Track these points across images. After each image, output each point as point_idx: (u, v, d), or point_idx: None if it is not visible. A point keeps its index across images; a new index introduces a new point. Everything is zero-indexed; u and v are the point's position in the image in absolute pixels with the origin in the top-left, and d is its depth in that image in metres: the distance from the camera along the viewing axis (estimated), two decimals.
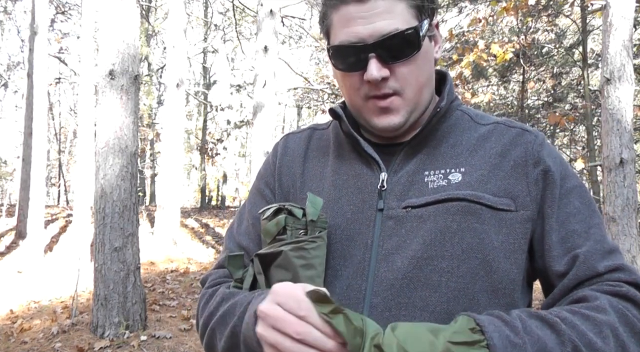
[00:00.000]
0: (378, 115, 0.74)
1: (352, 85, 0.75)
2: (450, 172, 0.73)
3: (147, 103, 17.36)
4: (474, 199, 0.70)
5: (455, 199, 0.70)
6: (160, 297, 5.84)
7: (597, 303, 0.63)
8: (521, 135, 0.77)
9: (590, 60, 9.51)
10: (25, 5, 14.92)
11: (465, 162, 0.74)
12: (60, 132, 21.82)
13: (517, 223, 0.70)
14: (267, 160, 0.90)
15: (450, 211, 0.70)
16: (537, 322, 0.59)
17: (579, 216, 0.72)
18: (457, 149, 0.76)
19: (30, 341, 4.28)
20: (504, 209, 0.70)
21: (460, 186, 0.72)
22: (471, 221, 0.69)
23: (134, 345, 4.00)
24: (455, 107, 0.82)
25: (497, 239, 0.69)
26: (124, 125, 4.30)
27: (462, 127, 0.79)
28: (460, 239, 0.68)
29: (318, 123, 0.92)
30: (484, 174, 0.72)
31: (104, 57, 4.35)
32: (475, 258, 0.68)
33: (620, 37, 4.06)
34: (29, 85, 9.96)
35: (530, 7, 7.06)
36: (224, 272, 0.82)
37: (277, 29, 6.78)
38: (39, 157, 8.26)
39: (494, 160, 0.74)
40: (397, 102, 0.73)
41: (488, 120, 0.81)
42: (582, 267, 0.68)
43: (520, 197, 0.71)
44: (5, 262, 8.37)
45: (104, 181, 4.23)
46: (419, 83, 0.74)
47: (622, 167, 4.04)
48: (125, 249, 4.26)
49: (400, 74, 0.72)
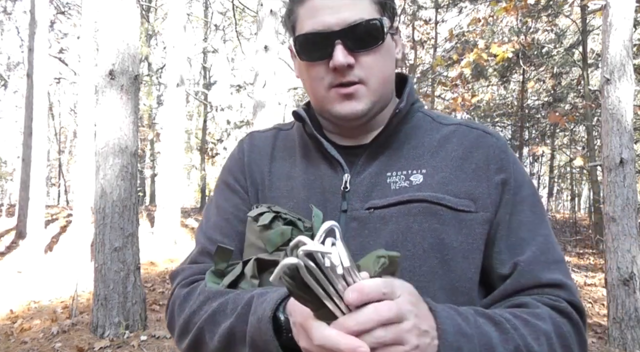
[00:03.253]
0: (341, 102, 0.74)
1: (317, 76, 0.75)
2: (412, 174, 0.75)
3: (147, 103, 17.36)
4: (434, 200, 0.71)
5: (417, 200, 0.71)
6: (160, 297, 5.84)
7: (538, 311, 0.66)
8: (483, 138, 0.78)
9: (590, 60, 9.50)
10: (25, 5, 14.90)
11: (427, 164, 0.75)
12: (60, 132, 21.83)
13: (476, 224, 0.72)
14: (233, 155, 0.89)
15: (412, 212, 0.71)
16: (484, 319, 0.62)
17: (529, 224, 0.74)
18: (418, 150, 0.77)
19: (30, 341, 4.28)
20: (464, 210, 0.72)
21: (421, 187, 0.73)
22: (432, 222, 0.71)
23: (134, 345, 4.00)
24: (417, 109, 0.83)
25: (456, 239, 0.71)
26: (124, 125, 4.30)
27: (423, 128, 0.81)
28: (421, 239, 0.70)
29: (282, 123, 0.93)
30: (445, 175, 0.74)
31: (104, 57, 4.34)
32: (435, 258, 0.70)
33: (620, 37, 4.06)
34: (29, 85, 9.96)
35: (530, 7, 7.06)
36: (198, 269, 0.79)
37: (277, 29, 6.78)
38: (39, 157, 8.27)
39: (456, 162, 0.75)
40: (362, 90, 0.74)
41: (450, 122, 0.82)
42: (525, 274, 0.71)
43: (481, 199, 0.73)
44: (5, 262, 8.37)
45: (104, 181, 4.23)
46: (383, 75, 0.75)
47: (622, 167, 4.04)
48: (125, 249, 4.26)
49: (365, 63, 0.73)
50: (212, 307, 0.69)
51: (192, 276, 0.78)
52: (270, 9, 6.60)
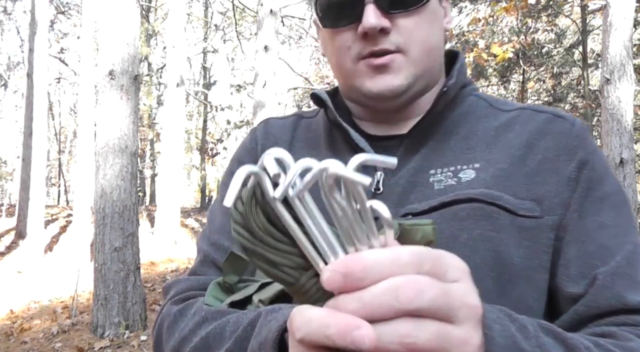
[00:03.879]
0: (372, 76, 0.59)
1: (343, 45, 0.60)
2: (461, 169, 0.59)
3: (147, 103, 17.36)
4: (488, 199, 0.55)
5: (465, 200, 0.55)
6: (160, 297, 5.84)
7: (632, 345, 0.47)
8: (552, 123, 0.61)
9: (590, 60, 9.51)
10: (25, 5, 14.91)
11: (481, 157, 0.59)
12: (60, 132, 21.83)
13: (541, 233, 0.55)
14: (244, 144, 0.75)
15: (459, 216, 0.55)
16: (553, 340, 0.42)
17: (612, 229, 0.55)
18: (470, 141, 0.61)
19: (30, 341, 4.29)
20: (526, 215, 0.55)
21: (472, 184, 0.57)
22: (485, 228, 0.54)
23: (134, 345, 4.00)
24: (469, 92, 0.67)
25: (517, 253, 0.54)
26: (124, 125, 4.30)
27: (477, 114, 0.64)
28: (471, 251, 0.53)
29: (304, 110, 0.79)
30: (504, 169, 0.57)
31: (104, 57, 4.35)
32: (489, 277, 0.53)
33: (620, 37, 4.06)
34: (29, 85, 9.96)
35: (530, 7, 7.06)
36: (197, 282, 0.63)
37: (277, 29, 6.78)
38: (39, 157, 8.27)
39: (517, 153, 0.59)
40: (400, 60, 0.59)
41: (511, 107, 0.65)
42: (605, 293, 0.52)
43: (546, 200, 0.56)
44: (5, 262, 8.38)
45: (104, 181, 4.23)
46: (428, 44, 0.60)
47: (622, 167, 4.04)
48: (125, 249, 4.26)
49: (405, 28, 0.58)
50: (208, 330, 0.51)
51: (188, 291, 0.62)
52: (270, 9, 6.60)
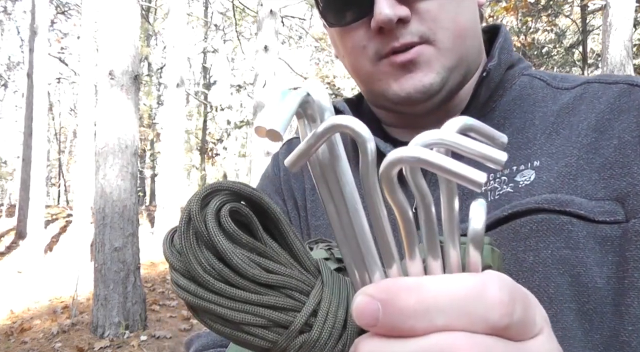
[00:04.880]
0: (397, 77, 0.48)
1: (356, 45, 0.50)
2: (518, 171, 0.47)
3: (147, 103, 17.36)
4: (555, 207, 0.42)
5: (525, 213, 0.43)
6: (160, 297, 5.84)
7: None
8: (629, 95, 0.46)
9: (590, 60, 9.51)
10: (25, 5, 14.91)
11: (541, 152, 0.47)
12: (60, 132, 21.83)
13: (628, 242, 0.40)
14: (267, 173, 0.66)
15: (521, 234, 0.43)
16: None
17: None
18: (526, 133, 0.49)
19: (30, 341, 4.29)
20: (606, 220, 0.41)
21: (533, 188, 0.45)
22: (557, 246, 0.42)
23: (134, 345, 4.00)
24: (520, 71, 0.54)
25: (600, 273, 0.41)
26: (123, 125, 4.30)
27: (532, 98, 0.52)
28: (543, 279, 0.42)
29: None
30: (571, 164, 0.45)
31: (104, 57, 4.35)
32: (569, 311, 0.41)
33: (620, 37, 4.06)
34: (29, 85, 9.96)
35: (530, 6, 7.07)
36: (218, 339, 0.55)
37: (277, 29, 6.78)
38: (39, 157, 8.27)
39: (587, 139, 0.45)
40: (428, 53, 0.47)
41: (575, 82, 0.51)
42: None
43: (630, 196, 0.41)
44: (5, 262, 8.38)
45: (104, 181, 4.23)
46: (459, 26, 0.48)
47: None
48: (125, 249, 4.26)
49: (427, 12, 0.47)
50: None
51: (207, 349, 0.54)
52: (270, 9, 6.60)
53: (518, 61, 0.55)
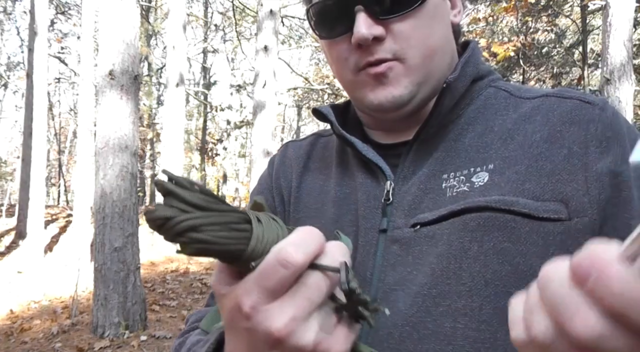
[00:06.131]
0: (373, 87, 0.56)
1: (340, 56, 0.57)
2: (474, 172, 0.53)
3: (147, 103, 17.36)
4: (501, 206, 0.48)
5: (475, 209, 0.49)
6: (160, 297, 5.84)
7: None
8: (580, 110, 0.52)
9: (590, 60, 9.52)
10: (25, 5, 14.91)
11: (496, 156, 0.53)
12: (60, 132, 21.82)
13: (570, 239, 0.47)
14: (263, 174, 0.73)
15: (469, 226, 0.49)
16: None
17: None
18: (485, 138, 0.55)
19: (30, 341, 4.29)
20: (549, 217, 0.47)
21: (485, 189, 0.51)
22: (499, 239, 0.48)
23: (134, 345, 4.00)
24: (488, 83, 0.61)
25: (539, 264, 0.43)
26: (124, 125, 4.30)
27: (495, 107, 0.58)
28: (482, 266, 0.47)
29: (324, 129, 0.74)
30: (521, 169, 0.51)
31: (104, 57, 4.35)
32: (507, 293, 0.46)
33: (620, 37, 4.06)
34: (29, 85, 9.96)
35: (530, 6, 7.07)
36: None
37: (277, 29, 6.78)
38: (39, 157, 8.27)
39: (538, 148, 0.51)
40: (398, 69, 0.54)
41: (535, 94, 0.58)
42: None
43: (574, 199, 0.48)
44: (5, 262, 8.38)
45: (104, 181, 4.23)
46: (428, 46, 0.55)
47: None
48: (125, 249, 4.26)
49: (400, 33, 0.54)
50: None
51: (196, 322, 0.61)
52: (270, 9, 6.61)
53: (488, 73, 0.61)
